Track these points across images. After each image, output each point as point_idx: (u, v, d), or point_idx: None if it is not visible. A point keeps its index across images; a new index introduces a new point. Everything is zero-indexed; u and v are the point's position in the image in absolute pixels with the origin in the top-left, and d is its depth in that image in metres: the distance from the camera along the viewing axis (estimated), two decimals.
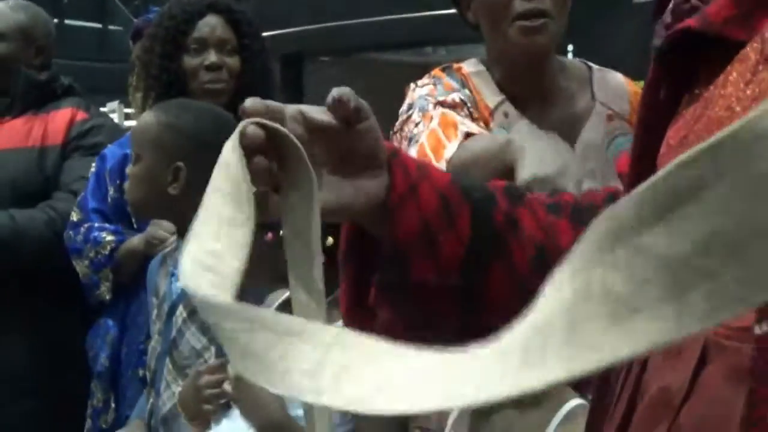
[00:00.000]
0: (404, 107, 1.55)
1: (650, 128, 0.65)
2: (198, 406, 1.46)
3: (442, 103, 1.49)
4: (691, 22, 0.64)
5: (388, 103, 1.57)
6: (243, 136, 0.63)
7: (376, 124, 0.70)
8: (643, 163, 0.65)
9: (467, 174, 1.30)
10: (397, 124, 1.53)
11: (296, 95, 5.37)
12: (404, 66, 4.67)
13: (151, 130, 1.60)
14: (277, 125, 0.65)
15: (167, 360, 1.65)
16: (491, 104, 1.55)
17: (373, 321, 0.73)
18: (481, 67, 1.59)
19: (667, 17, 0.95)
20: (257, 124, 0.64)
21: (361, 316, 0.74)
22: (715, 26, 0.62)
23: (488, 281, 0.73)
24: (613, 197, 0.77)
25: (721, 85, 0.60)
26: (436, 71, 1.60)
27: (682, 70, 0.64)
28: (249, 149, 0.63)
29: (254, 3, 4.52)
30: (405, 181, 0.70)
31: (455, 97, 1.51)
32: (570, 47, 3.17)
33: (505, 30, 1.48)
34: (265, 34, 2.17)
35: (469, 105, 1.52)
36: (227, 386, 1.38)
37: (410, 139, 1.47)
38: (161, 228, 1.88)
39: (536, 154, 1.17)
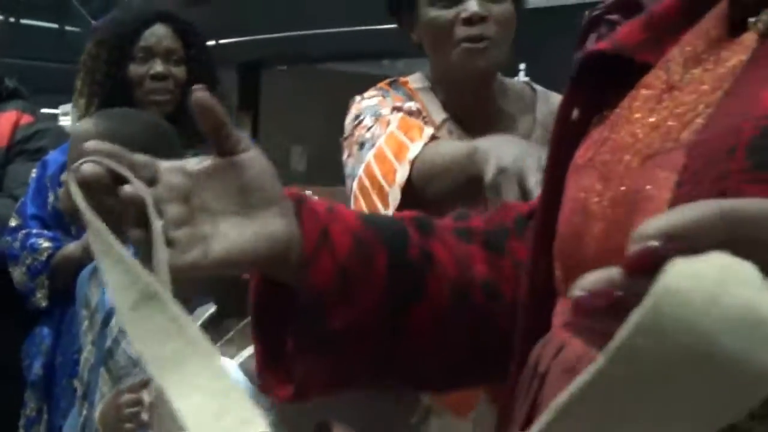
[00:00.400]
0: (350, 118, 1.54)
1: (561, 148, 0.66)
2: (118, 425, 1.44)
3: (399, 109, 1.49)
4: (603, 45, 0.66)
5: (345, 114, 1.57)
6: (77, 173, 0.61)
7: (263, 157, 0.67)
8: (554, 182, 0.66)
9: (432, 183, 1.31)
10: (347, 131, 1.53)
11: (252, 104, 5.36)
12: (361, 77, 4.67)
13: (90, 137, 1.59)
14: (113, 163, 0.62)
15: (102, 370, 1.63)
16: (437, 120, 1.55)
17: (290, 382, 0.70)
18: (426, 83, 1.59)
19: (592, 47, 0.96)
20: (96, 162, 0.61)
21: (276, 377, 0.71)
22: (626, 49, 0.63)
23: (408, 320, 0.71)
24: (521, 218, 0.78)
25: (627, 108, 0.61)
26: (383, 84, 1.61)
27: (594, 93, 0.66)
28: (91, 186, 0.61)
29: (211, 10, 4.50)
30: (315, 227, 0.68)
31: (412, 105, 1.51)
32: (522, 66, 3.21)
33: (447, 53, 1.48)
34: (222, 41, 2.17)
35: (424, 114, 1.53)
36: (144, 414, 1.36)
37: (362, 144, 1.46)
38: None
39: (496, 152, 1.21)
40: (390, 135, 1.41)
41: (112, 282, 0.57)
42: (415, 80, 1.61)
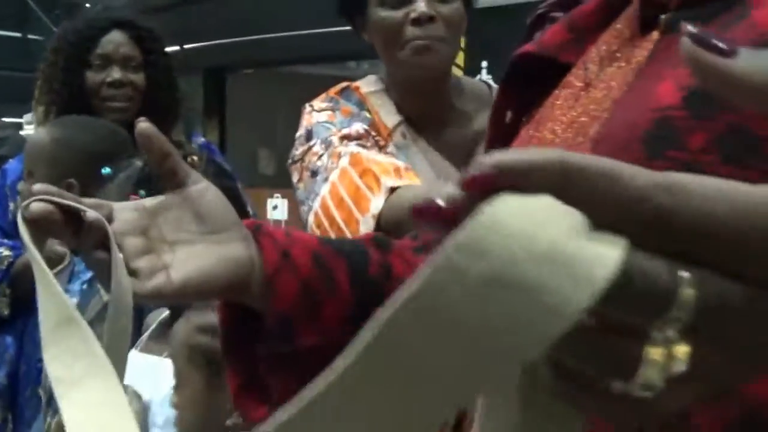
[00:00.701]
0: (302, 132, 1.54)
1: (496, 148, 0.68)
2: None
3: (347, 137, 1.49)
4: (530, 47, 0.68)
5: None
6: (26, 211, 0.62)
7: (214, 187, 0.69)
8: None
9: (401, 229, 1.32)
10: (298, 153, 1.52)
11: (218, 109, 5.35)
12: (327, 79, 4.69)
13: (45, 146, 1.59)
14: (63, 200, 0.63)
15: None
16: (389, 124, 1.56)
17: (265, 403, 0.71)
18: (380, 86, 1.60)
19: (520, 49, 0.99)
20: (46, 201, 0.62)
21: (251, 400, 0.71)
22: (550, 50, 0.66)
23: None
24: None
25: (550, 107, 0.63)
26: (333, 92, 1.60)
27: (524, 93, 0.68)
28: (40, 223, 0.62)
29: (176, 16, 4.49)
30: (275, 250, 0.69)
31: (359, 128, 1.51)
32: (484, 63, 3.24)
33: (397, 53, 1.50)
34: (187, 46, 2.17)
35: (373, 133, 1.53)
36: None
37: (314, 172, 1.47)
38: (57, 243, 1.86)
39: None
40: (343, 172, 1.42)
41: (41, 307, 0.59)
42: (367, 84, 1.61)
